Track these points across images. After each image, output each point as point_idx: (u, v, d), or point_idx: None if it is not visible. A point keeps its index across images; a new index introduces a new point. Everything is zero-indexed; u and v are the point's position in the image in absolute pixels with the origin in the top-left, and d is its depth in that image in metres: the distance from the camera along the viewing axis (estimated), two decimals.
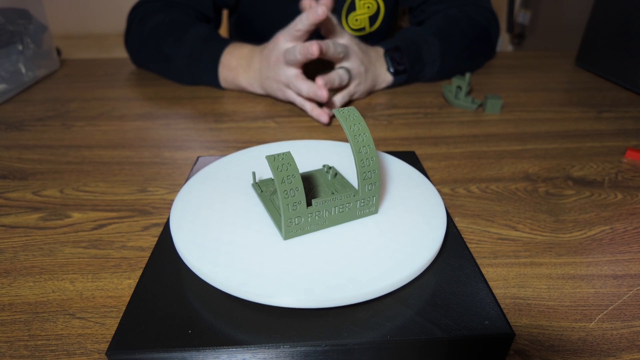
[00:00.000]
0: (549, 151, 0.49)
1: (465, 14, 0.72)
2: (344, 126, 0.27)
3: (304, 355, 0.22)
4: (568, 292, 0.29)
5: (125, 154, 0.48)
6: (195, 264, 0.24)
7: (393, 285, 0.23)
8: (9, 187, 0.41)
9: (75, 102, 0.63)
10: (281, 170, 0.25)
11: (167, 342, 0.21)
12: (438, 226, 0.28)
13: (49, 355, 0.24)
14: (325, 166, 0.33)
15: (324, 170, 0.33)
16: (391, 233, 0.27)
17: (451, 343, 0.22)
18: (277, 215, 0.28)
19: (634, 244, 0.34)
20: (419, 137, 0.52)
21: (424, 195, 0.31)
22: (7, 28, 0.64)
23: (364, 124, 0.27)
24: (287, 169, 0.25)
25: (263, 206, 0.29)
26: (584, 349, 0.25)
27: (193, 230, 0.27)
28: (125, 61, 0.81)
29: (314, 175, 0.32)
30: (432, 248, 0.26)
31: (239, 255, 0.25)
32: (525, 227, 0.36)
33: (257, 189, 0.30)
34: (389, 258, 0.25)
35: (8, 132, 0.53)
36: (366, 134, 0.27)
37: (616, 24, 0.69)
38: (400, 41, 0.65)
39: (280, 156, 0.25)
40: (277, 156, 0.25)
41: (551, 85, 0.71)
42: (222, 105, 0.62)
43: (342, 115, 0.27)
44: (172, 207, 0.29)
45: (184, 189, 0.32)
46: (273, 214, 0.28)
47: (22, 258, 0.32)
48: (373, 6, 0.81)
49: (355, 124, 0.27)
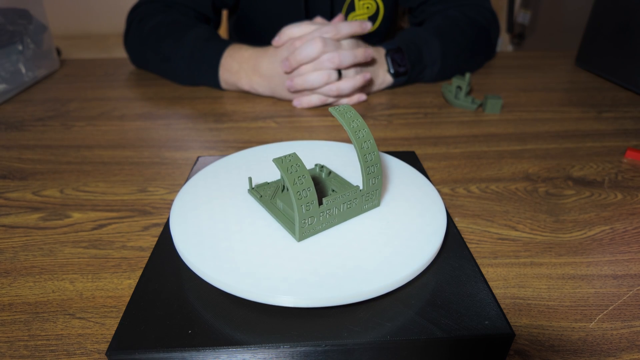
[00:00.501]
0: (549, 151, 0.49)
1: (465, 15, 0.72)
2: (343, 123, 0.27)
3: (304, 355, 0.22)
4: (568, 292, 0.29)
5: (125, 154, 0.48)
6: (195, 263, 0.24)
7: (393, 284, 0.23)
8: (9, 187, 0.41)
9: (75, 102, 0.63)
10: (291, 172, 0.24)
11: (167, 342, 0.21)
12: (438, 226, 0.28)
13: (49, 355, 0.24)
14: (317, 165, 0.33)
15: (316, 169, 0.33)
16: (391, 233, 0.27)
17: (451, 343, 0.22)
18: (284, 218, 0.28)
19: (634, 244, 0.34)
20: (418, 137, 0.52)
21: (424, 196, 0.31)
22: (7, 28, 0.64)
23: (361, 120, 0.27)
24: (296, 170, 0.25)
25: (264, 209, 0.29)
26: (584, 349, 0.25)
27: (193, 230, 0.27)
28: (125, 61, 0.81)
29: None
30: (432, 248, 0.26)
31: (239, 255, 0.25)
32: (525, 227, 0.36)
33: (256, 195, 0.30)
34: (389, 258, 0.25)
35: (8, 132, 0.53)
36: (365, 130, 0.27)
37: (616, 24, 0.69)
38: (401, 42, 0.65)
39: (288, 158, 0.25)
40: (285, 158, 0.25)
41: (551, 85, 0.71)
42: (222, 105, 0.62)
43: (339, 113, 0.27)
44: (172, 207, 0.29)
45: (184, 189, 0.32)
46: (280, 217, 0.28)
47: (22, 258, 0.32)
48: (372, 7, 0.81)
49: (354, 120, 0.27)
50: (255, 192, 0.30)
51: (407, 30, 0.70)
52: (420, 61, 0.65)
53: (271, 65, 0.60)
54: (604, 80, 0.73)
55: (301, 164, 0.25)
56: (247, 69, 0.62)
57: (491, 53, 0.80)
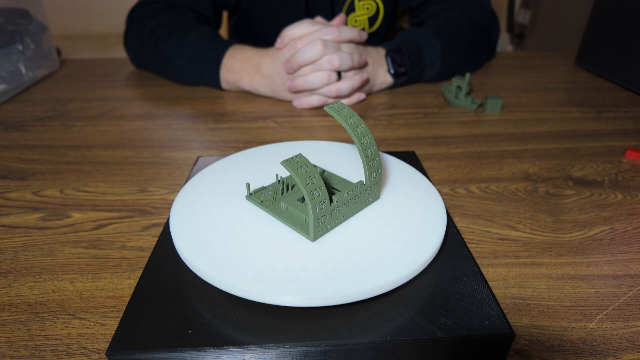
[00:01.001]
0: (549, 151, 0.49)
1: (466, 15, 0.72)
2: (341, 121, 0.27)
3: (304, 355, 0.22)
4: (568, 292, 0.29)
5: (125, 154, 0.48)
6: (195, 263, 0.24)
7: (392, 283, 0.23)
8: (9, 187, 0.41)
9: (76, 102, 0.63)
10: (301, 172, 0.24)
11: (167, 342, 0.21)
12: (438, 226, 0.28)
13: (49, 355, 0.24)
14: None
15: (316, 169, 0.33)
16: (391, 233, 0.27)
17: (451, 343, 0.22)
18: (293, 220, 0.28)
19: (634, 244, 0.34)
20: (418, 137, 0.52)
21: (424, 196, 0.31)
22: (7, 28, 0.64)
23: (358, 117, 0.28)
24: (306, 170, 0.25)
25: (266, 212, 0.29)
26: (584, 349, 0.25)
27: (193, 230, 0.27)
28: (125, 61, 0.81)
29: None
30: (432, 247, 0.26)
31: (238, 254, 0.25)
32: (525, 227, 0.36)
33: (255, 201, 0.30)
34: (389, 257, 0.25)
35: (8, 132, 0.53)
36: (363, 125, 0.28)
37: (616, 24, 0.69)
38: (402, 42, 0.65)
39: (295, 159, 0.25)
40: (292, 160, 0.25)
41: (551, 85, 0.71)
42: (222, 105, 0.62)
43: (335, 110, 0.27)
44: (172, 207, 0.29)
45: (184, 189, 0.32)
46: (288, 220, 0.28)
47: (22, 258, 0.32)
48: (372, 7, 0.81)
49: (350, 117, 0.27)
50: (254, 199, 0.30)
51: (408, 30, 0.70)
52: (421, 61, 0.65)
53: (273, 66, 0.60)
54: (604, 80, 0.73)
55: (309, 164, 0.25)
56: (249, 69, 0.62)
57: (491, 53, 0.80)
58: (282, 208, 0.29)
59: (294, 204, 0.28)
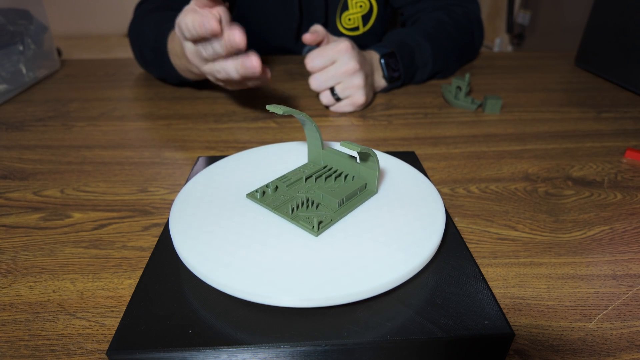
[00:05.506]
0: (548, 151, 0.49)
1: (451, 17, 0.73)
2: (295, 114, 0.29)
3: (304, 355, 0.22)
4: (568, 292, 0.29)
5: (125, 154, 0.48)
6: (195, 264, 0.24)
7: (392, 283, 0.23)
8: (9, 187, 0.41)
9: (76, 102, 0.63)
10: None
11: (167, 342, 0.22)
12: (437, 225, 0.28)
13: (49, 355, 0.25)
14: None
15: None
16: (390, 232, 0.27)
17: (451, 343, 0.22)
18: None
19: (633, 244, 0.34)
20: (418, 137, 0.52)
21: (424, 195, 0.31)
22: (8, 28, 0.64)
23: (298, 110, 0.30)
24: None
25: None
26: (584, 349, 0.25)
27: (193, 230, 0.27)
28: (126, 61, 0.81)
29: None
30: (431, 246, 0.26)
31: (238, 255, 0.25)
32: (525, 227, 0.36)
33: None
34: (388, 257, 0.25)
35: (9, 132, 0.53)
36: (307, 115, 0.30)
37: (616, 24, 0.69)
38: (394, 45, 0.64)
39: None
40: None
41: (551, 85, 0.71)
42: (222, 105, 0.62)
43: (276, 108, 0.29)
44: (172, 207, 0.29)
45: (184, 189, 0.32)
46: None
47: (22, 258, 0.32)
48: (366, 5, 0.81)
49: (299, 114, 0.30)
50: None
51: (397, 31, 0.69)
52: (413, 63, 0.66)
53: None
54: (604, 81, 0.73)
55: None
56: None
57: (474, 55, 0.81)
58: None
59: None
